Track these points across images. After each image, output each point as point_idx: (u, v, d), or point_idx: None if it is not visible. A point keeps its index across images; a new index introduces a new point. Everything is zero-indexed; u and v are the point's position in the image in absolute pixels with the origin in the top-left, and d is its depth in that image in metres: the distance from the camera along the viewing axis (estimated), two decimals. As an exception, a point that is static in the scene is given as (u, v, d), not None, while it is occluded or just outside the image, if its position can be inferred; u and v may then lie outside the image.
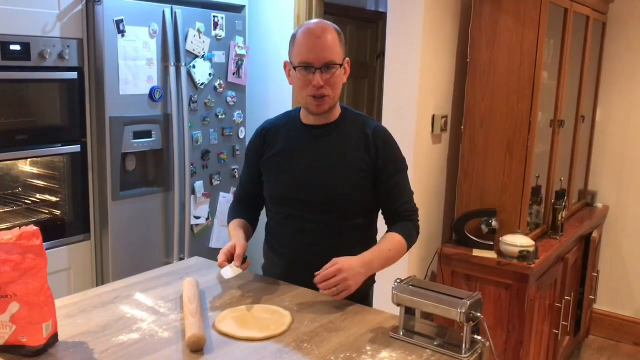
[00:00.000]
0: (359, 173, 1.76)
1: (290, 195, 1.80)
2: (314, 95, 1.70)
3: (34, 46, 2.52)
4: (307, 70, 1.68)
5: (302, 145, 1.80)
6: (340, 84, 1.73)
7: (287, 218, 1.83)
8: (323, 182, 1.76)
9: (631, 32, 3.54)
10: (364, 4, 4.55)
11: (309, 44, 1.67)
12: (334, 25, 1.74)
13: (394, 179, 1.79)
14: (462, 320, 1.38)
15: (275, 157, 1.83)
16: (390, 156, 1.78)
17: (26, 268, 1.28)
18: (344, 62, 1.73)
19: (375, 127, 1.80)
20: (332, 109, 1.77)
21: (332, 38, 1.68)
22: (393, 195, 1.80)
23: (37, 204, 2.82)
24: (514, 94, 2.68)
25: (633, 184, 3.64)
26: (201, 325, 1.40)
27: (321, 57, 1.66)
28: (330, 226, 1.78)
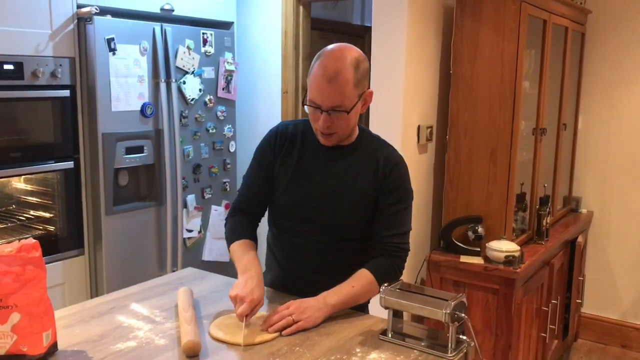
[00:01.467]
0: (365, 199, 1.73)
1: (294, 211, 1.78)
2: (322, 132, 1.69)
3: (27, 65, 2.58)
4: (316, 109, 1.64)
5: (314, 164, 1.76)
6: (353, 121, 1.68)
7: (289, 232, 1.81)
8: (328, 204, 1.74)
9: (609, 42, 3.65)
10: (350, 19, 4.64)
11: (320, 86, 1.61)
12: (357, 55, 1.63)
13: (393, 207, 1.73)
14: (447, 321, 1.43)
15: (287, 167, 1.78)
16: (395, 184, 1.73)
17: (26, 279, 1.32)
18: (360, 99, 1.65)
19: (389, 154, 1.76)
20: (349, 136, 1.74)
21: (346, 80, 1.59)
22: (384, 223, 1.73)
23: (32, 220, 2.86)
24: (496, 104, 2.76)
25: (616, 189, 3.72)
26: (196, 332, 1.45)
27: (328, 102, 1.61)
28: (329, 247, 1.76)
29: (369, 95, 1.71)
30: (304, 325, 1.54)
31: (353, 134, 1.77)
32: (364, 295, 1.69)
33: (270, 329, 1.52)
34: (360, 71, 1.62)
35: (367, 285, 1.67)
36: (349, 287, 1.65)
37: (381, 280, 1.66)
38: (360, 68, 1.63)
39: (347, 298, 1.64)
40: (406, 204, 1.77)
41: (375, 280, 1.68)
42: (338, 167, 1.75)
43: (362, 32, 4.60)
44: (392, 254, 1.74)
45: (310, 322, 1.55)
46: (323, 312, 1.59)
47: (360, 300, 1.69)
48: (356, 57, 1.63)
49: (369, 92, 1.70)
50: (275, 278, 1.87)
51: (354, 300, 1.66)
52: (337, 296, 1.63)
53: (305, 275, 1.79)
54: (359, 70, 1.62)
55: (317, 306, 1.59)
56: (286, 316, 1.54)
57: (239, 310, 1.53)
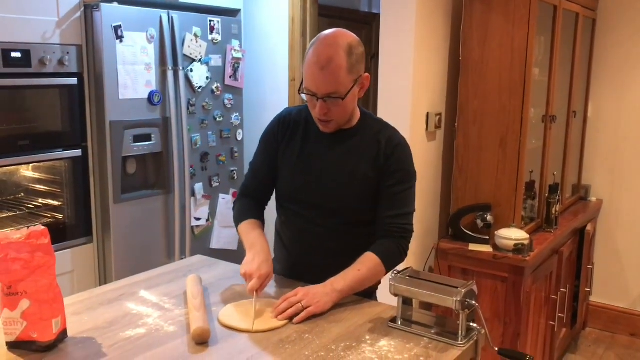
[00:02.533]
0: (367, 182, 1.73)
1: (298, 195, 1.79)
2: (319, 119, 1.71)
3: (34, 53, 2.57)
4: (312, 97, 1.66)
5: (317, 149, 1.78)
6: (350, 107, 1.69)
7: (294, 216, 1.82)
8: (331, 188, 1.74)
9: (621, 28, 3.60)
10: (357, 6, 4.60)
11: (314, 74, 1.61)
12: (350, 40, 1.63)
13: (395, 188, 1.72)
14: (458, 309, 1.43)
15: (291, 153, 1.80)
16: (397, 166, 1.72)
17: (36, 266, 1.33)
18: (355, 84, 1.65)
19: (391, 136, 1.75)
20: (349, 120, 1.75)
21: (339, 67, 1.59)
22: (387, 204, 1.73)
23: (40, 208, 2.86)
24: (506, 91, 2.74)
25: (626, 177, 3.69)
26: (205, 319, 1.45)
27: (323, 90, 1.62)
28: (334, 230, 1.77)
29: (366, 79, 1.70)
30: (313, 311, 1.54)
31: (354, 118, 1.77)
32: (370, 279, 1.68)
33: (280, 317, 1.52)
34: (353, 56, 1.62)
35: (374, 268, 1.67)
36: (355, 271, 1.65)
37: (387, 262, 1.69)
38: (354, 53, 1.63)
39: (354, 282, 1.64)
40: (409, 185, 1.76)
41: (382, 262, 1.68)
42: (340, 151, 1.76)
43: (370, 19, 4.57)
44: (396, 235, 1.73)
45: (319, 307, 1.55)
46: (331, 297, 1.59)
47: (367, 283, 1.68)
48: (349, 42, 1.63)
49: (365, 76, 1.69)
50: (284, 264, 1.88)
51: (361, 284, 1.66)
52: (344, 281, 1.62)
53: (312, 259, 1.80)
54: (352, 55, 1.62)
55: (325, 292, 1.59)
56: (295, 303, 1.54)
57: (249, 286, 1.58)
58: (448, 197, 3.04)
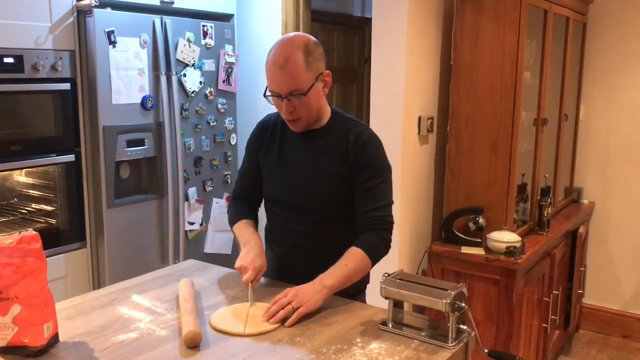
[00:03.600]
0: (339, 179, 1.77)
1: (278, 196, 1.87)
2: (287, 119, 1.76)
3: (27, 59, 2.58)
4: (277, 98, 1.71)
5: (293, 150, 1.84)
6: (314, 103, 1.73)
7: (278, 217, 1.89)
8: (305, 187, 1.80)
9: (611, 32, 3.63)
10: (350, 11, 4.62)
11: (274, 75, 1.68)
12: (305, 40, 1.70)
13: (369, 183, 1.75)
14: (448, 311, 1.44)
15: (270, 155, 1.87)
16: (367, 161, 1.76)
17: (27, 271, 1.33)
18: (317, 80, 1.70)
19: (359, 133, 1.78)
20: (318, 119, 1.79)
21: (297, 64, 1.65)
22: (363, 199, 1.76)
23: (33, 213, 2.86)
24: (497, 95, 2.76)
25: (618, 179, 3.72)
26: (197, 323, 1.46)
27: (285, 88, 1.68)
28: (315, 229, 1.81)
29: (327, 75, 1.75)
30: (305, 311, 1.55)
31: (324, 118, 1.82)
32: (358, 273, 1.71)
33: (271, 321, 1.52)
34: (311, 54, 1.68)
35: (360, 262, 1.70)
36: (342, 266, 1.68)
37: (372, 255, 1.72)
38: (311, 51, 1.68)
39: (343, 278, 1.66)
40: (382, 178, 1.78)
41: (367, 255, 1.71)
42: (311, 151, 1.81)
43: (362, 24, 4.59)
44: (377, 227, 1.75)
45: (310, 306, 1.57)
46: (321, 295, 1.60)
47: (355, 278, 1.71)
48: (304, 41, 1.70)
49: (326, 72, 1.74)
50: (271, 265, 1.90)
51: (349, 278, 1.68)
52: (333, 277, 1.65)
53: (297, 259, 1.84)
54: (310, 53, 1.68)
55: (314, 290, 1.60)
56: (285, 305, 1.55)
57: (244, 277, 1.66)
58: (440, 200, 3.05)
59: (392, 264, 2.75)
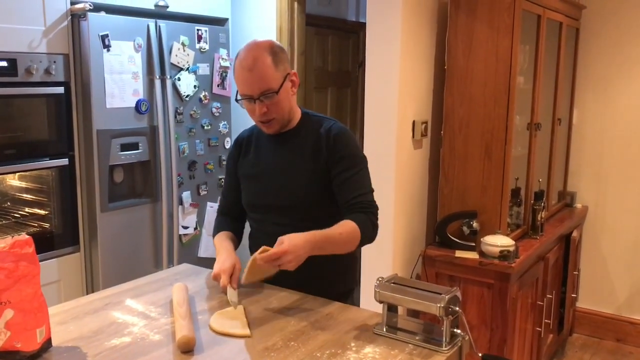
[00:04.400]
0: (315, 176, 1.79)
1: (258, 201, 1.90)
2: (261, 121, 1.79)
3: (20, 62, 2.57)
4: (249, 101, 1.75)
5: (267, 155, 1.88)
6: (285, 103, 1.77)
7: (259, 223, 1.91)
8: (283, 187, 1.83)
9: (604, 37, 3.66)
10: (345, 15, 4.63)
11: (243, 77, 1.72)
12: (270, 43, 1.75)
13: (345, 174, 1.77)
14: (442, 315, 1.44)
15: (246, 166, 1.92)
16: (341, 153, 1.78)
17: (20, 275, 1.32)
18: (285, 80, 1.75)
19: (329, 128, 1.81)
20: (290, 120, 1.83)
21: (265, 65, 1.70)
22: (343, 190, 1.77)
23: (26, 217, 2.85)
24: (491, 99, 2.77)
25: (611, 184, 3.73)
26: (191, 327, 1.45)
27: (256, 89, 1.71)
28: (297, 229, 1.76)
29: (294, 75, 1.80)
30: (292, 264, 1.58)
31: (294, 119, 1.86)
32: (346, 242, 1.71)
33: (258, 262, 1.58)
34: (277, 55, 1.74)
35: (351, 233, 1.70)
36: (333, 230, 1.68)
37: (363, 230, 1.72)
38: (276, 52, 1.74)
39: (332, 239, 1.68)
40: (359, 168, 1.80)
41: (358, 229, 1.70)
42: (287, 152, 1.85)
43: (356, 28, 4.60)
44: (363, 211, 1.76)
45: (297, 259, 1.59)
46: (309, 247, 1.61)
47: (342, 247, 1.71)
48: (269, 44, 1.75)
49: (293, 72, 1.79)
50: None
51: (336, 243, 1.69)
52: (322, 235, 1.66)
53: None
54: (275, 54, 1.73)
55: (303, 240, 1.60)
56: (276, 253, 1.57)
57: (221, 284, 1.71)
58: (434, 204, 3.06)
59: (386, 267, 2.76)
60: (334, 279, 1.88)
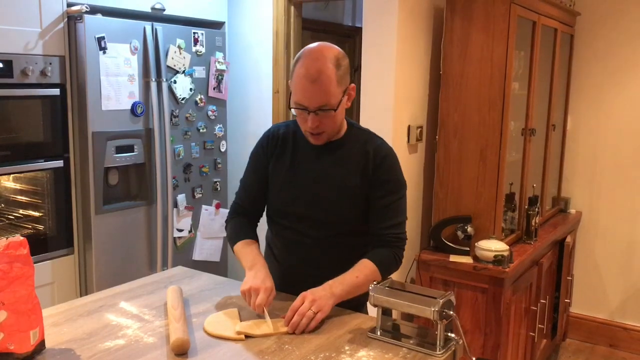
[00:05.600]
0: (356, 192, 1.74)
1: (290, 209, 1.80)
2: (310, 132, 1.71)
3: (16, 64, 2.56)
4: (303, 111, 1.66)
5: (306, 162, 1.79)
6: (338, 119, 1.70)
7: (286, 230, 1.83)
8: (320, 199, 1.75)
9: (598, 44, 3.68)
10: (341, 20, 4.65)
11: (304, 88, 1.62)
12: (336, 53, 1.65)
13: (385, 199, 1.73)
14: (436, 319, 1.44)
15: (281, 168, 1.81)
16: (385, 176, 1.74)
17: (14, 277, 1.32)
18: (344, 95, 1.67)
19: (378, 146, 1.76)
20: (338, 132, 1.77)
21: (328, 79, 1.60)
22: (380, 215, 1.74)
23: (20, 219, 2.84)
24: (485, 105, 2.78)
25: (605, 190, 3.75)
26: (185, 330, 1.45)
27: (314, 103, 1.63)
28: (326, 242, 1.77)
29: (352, 89, 1.72)
30: (322, 317, 1.56)
31: (342, 129, 1.79)
32: (366, 285, 1.65)
33: (297, 330, 1.51)
34: (341, 68, 1.65)
35: (371, 275, 1.68)
36: (353, 277, 1.66)
37: (383, 270, 1.70)
38: (341, 65, 1.65)
39: (352, 287, 1.65)
40: (400, 195, 1.77)
41: (378, 270, 1.69)
42: (328, 163, 1.77)
43: (352, 33, 4.61)
44: (390, 244, 1.75)
45: (326, 311, 1.57)
46: (332, 301, 1.60)
47: (362, 290, 1.67)
48: (336, 54, 1.65)
49: (351, 86, 1.72)
50: (274, 276, 1.86)
51: (357, 289, 1.66)
52: (342, 286, 1.63)
53: (303, 271, 1.80)
54: (340, 67, 1.64)
55: (327, 295, 1.59)
56: (306, 312, 1.53)
57: (257, 301, 1.58)
58: (429, 209, 3.07)
59: (380, 272, 2.76)
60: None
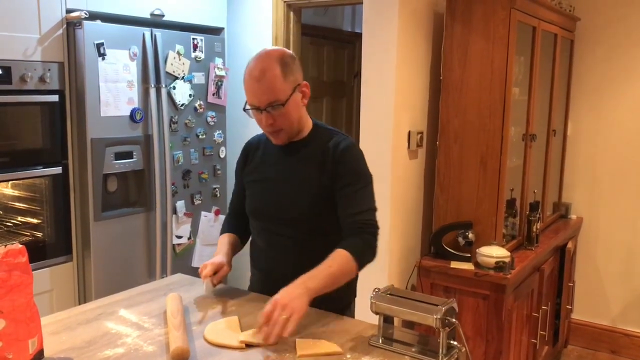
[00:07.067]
0: (321, 190, 1.76)
1: (261, 209, 1.87)
2: (268, 131, 1.77)
3: (15, 70, 2.56)
4: (257, 111, 1.72)
5: (273, 164, 1.85)
6: (293, 114, 1.73)
7: (261, 231, 1.89)
8: (287, 199, 1.80)
9: (598, 49, 3.68)
10: (341, 26, 4.65)
11: (252, 88, 1.70)
12: (282, 53, 1.72)
13: (348, 189, 1.73)
14: (438, 326, 1.43)
15: (252, 173, 1.90)
16: (346, 169, 1.75)
17: (12, 285, 1.31)
18: (295, 91, 1.71)
19: (337, 142, 1.78)
20: (299, 131, 1.80)
21: (274, 76, 1.67)
22: (345, 205, 1.74)
23: (19, 226, 2.83)
24: (486, 110, 2.77)
25: (606, 195, 3.74)
26: (185, 339, 1.44)
27: (263, 100, 1.69)
28: (299, 241, 1.79)
29: (305, 86, 1.77)
30: (298, 318, 1.49)
31: (305, 130, 1.83)
32: (343, 275, 1.65)
33: (271, 341, 1.46)
34: (287, 65, 1.70)
35: (345, 264, 1.65)
36: (326, 267, 1.62)
37: (357, 257, 1.67)
38: (287, 62, 1.71)
39: (327, 279, 1.61)
40: (363, 184, 1.76)
41: (352, 257, 1.65)
42: (293, 163, 1.82)
43: (352, 39, 4.62)
44: (361, 232, 1.71)
45: (301, 311, 1.51)
46: (305, 298, 1.54)
47: (340, 280, 1.65)
48: (281, 54, 1.72)
49: (304, 83, 1.76)
50: (257, 278, 1.91)
51: (333, 280, 1.63)
52: (316, 279, 1.59)
53: (281, 271, 1.78)
54: (286, 64, 1.70)
55: (299, 293, 1.54)
56: (277, 319, 1.49)
57: (203, 274, 1.77)
58: (430, 215, 3.06)
59: (381, 278, 2.75)
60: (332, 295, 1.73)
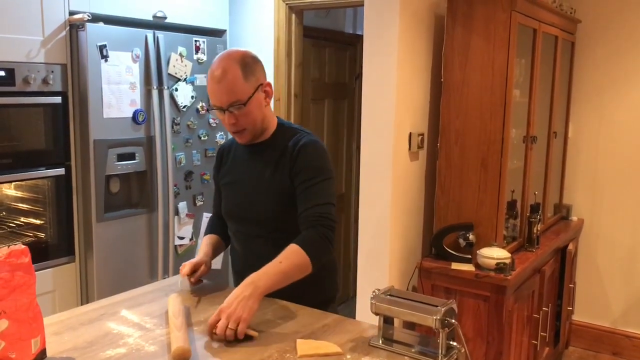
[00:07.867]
0: (285, 189, 1.78)
1: (232, 211, 1.91)
2: (232, 131, 1.80)
3: (18, 72, 2.58)
4: (220, 111, 1.75)
5: (240, 165, 1.89)
6: (256, 114, 1.75)
7: (236, 233, 1.94)
8: (254, 199, 1.83)
9: (599, 51, 3.68)
10: (342, 27, 4.66)
11: (213, 89, 1.73)
12: (242, 54, 1.74)
13: (304, 184, 1.74)
14: (438, 327, 1.44)
15: (225, 175, 1.94)
16: (303, 165, 1.76)
17: (15, 285, 1.32)
18: (257, 91, 1.73)
19: (298, 140, 1.80)
20: (264, 130, 1.83)
21: (234, 77, 1.69)
22: (302, 199, 1.74)
23: (22, 227, 2.84)
24: (487, 112, 2.78)
25: (607, 197, 3.75)
26: (186, 339, 1.44)
27: (225, 100, 1.71)
28: (271, 240, 1.81)
29: (268, 86, 1.79)
30: (244, 326, 1.49)
31: (269, 129, 1.85)
32: (295, 270, 1.64)
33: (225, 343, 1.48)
34: (248, 66, 1.73)
35: (296, 259, 1.64)
36: (276, 264, 1.62)
37: (310, 251, 1.66)
38: (248, 63, 1.73)
39: (277, 275, 1.60)
40: (320, 179, 1.76)
41: (304, 251, 1.65)
42: (256, 163, 1.85)
43: (354, 41, 4.62)
44: (316, 224, 1.71)
45: (247, 319, 1.50)
46: (254, 298, 1.54)
47: (292, 275, 1.63)
48: (241, 54, 1.75)
49: (267, 83, 1.79)
50: (235, 282, 1.91)
51: (284, 277, 1.62)
52: (267, 276, 1.59)
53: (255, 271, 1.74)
54: (246, 65, 1.72)
55: (245, 295, 1.53)
56: (225, 328, 1.48)
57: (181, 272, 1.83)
58: (431, 216, 3.06)
59: (382, 279, 2.75)
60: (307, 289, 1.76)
